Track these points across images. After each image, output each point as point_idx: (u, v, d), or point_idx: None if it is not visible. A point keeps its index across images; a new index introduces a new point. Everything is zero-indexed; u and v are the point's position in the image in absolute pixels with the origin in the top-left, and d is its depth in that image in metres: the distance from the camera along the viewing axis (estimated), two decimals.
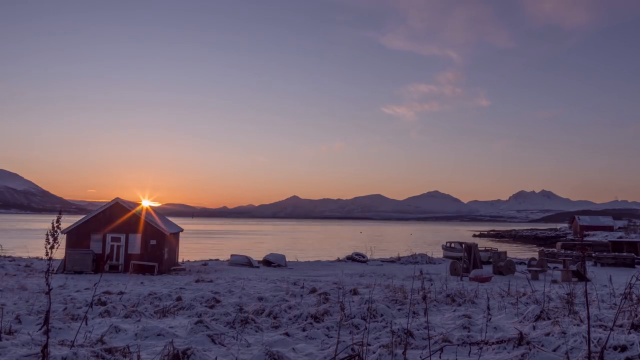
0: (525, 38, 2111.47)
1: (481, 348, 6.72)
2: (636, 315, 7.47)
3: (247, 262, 38.99)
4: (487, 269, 33.15)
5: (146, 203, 36.19)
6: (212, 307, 12.97)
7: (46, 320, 4.83)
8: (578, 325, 7.72)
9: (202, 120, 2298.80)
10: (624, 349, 5.79)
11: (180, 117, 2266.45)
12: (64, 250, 29.71)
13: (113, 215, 31.14)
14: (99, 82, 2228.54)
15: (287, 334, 8.65)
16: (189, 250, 53.46)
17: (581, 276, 29.14)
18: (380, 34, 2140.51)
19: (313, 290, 17.01)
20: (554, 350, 6.25)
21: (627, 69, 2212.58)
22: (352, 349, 6.46)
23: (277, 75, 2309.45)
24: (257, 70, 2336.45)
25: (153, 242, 31.12)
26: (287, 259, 41.17)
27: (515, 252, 68.25)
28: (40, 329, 8.77)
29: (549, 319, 8.67)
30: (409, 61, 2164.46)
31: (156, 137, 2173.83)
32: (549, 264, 39.07)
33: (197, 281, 24.29)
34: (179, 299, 14.57)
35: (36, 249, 44.29)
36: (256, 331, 9.27)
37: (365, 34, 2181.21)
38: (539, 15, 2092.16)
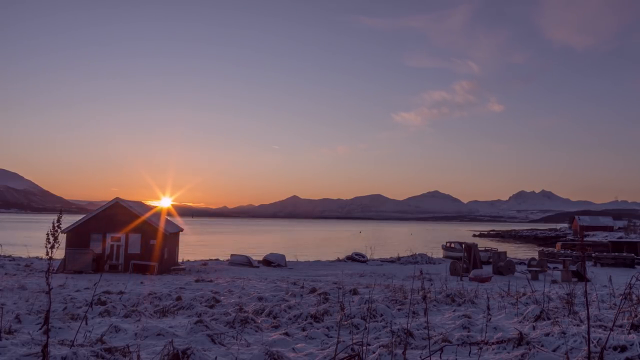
0: (540, 56, 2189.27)
1: (481, 348, 6.72)
2: (636, 316, 7.47)
3: (247, 262, 39.03)
4: (487, 269, 33.17)
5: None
6: (212, 306, 12.97)
7: (46, 320, 4.83)
8: (578, 325, 7.73)
9: (201, 120, 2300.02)
10: (623, 349, 5.79)
11: (180, 117, 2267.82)
12: (64, 250, 29.72)
13: (113, 215, 31.16)
14: (99, 80, 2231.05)
15: (287, 334, 8.65)
16: (188, 250, 53.50)
17: (581, 276, 29.16)
18: (401, 53, 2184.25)
19: (313, 290, 17.01)
20: (554, 351, 6.25)
21: (627, 76, 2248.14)
22: (352, 349, 6.46)
23: (283, 78, 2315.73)
24: (261, 72, 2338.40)
25: (153, 241, 31.13)
26: (287, 259, 41.21)
27: (515, 252, 68.33)
28: (40, 329, 8.78)
29: (548, 319, 8.67)
30: (426, 73, 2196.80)
31: (155, 137, 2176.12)
32: (548, 264, 39.12)
33: (197, 281, 24.31)
34: (178, 298, 14.57)
35: (36, 249, 44.27)
36: (256, 331, 9.27)
37: (386, 51, 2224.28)
38: (556, 39, 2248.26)
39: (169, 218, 39.51)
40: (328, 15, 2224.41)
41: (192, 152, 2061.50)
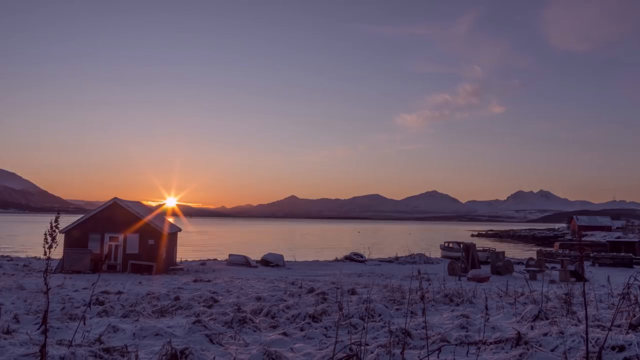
0: (541, 61, 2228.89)
1: (479, 348, 6.72)
2: (634, 316, 7.47)
3: (245, 262, 38.98)
4: (485, 269, 33.17)
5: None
6: (210, 306, 12.97)
7: (44, 320, 4.82)
8: (576, 325, 7.73)
9: (201, 121, 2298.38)
10: (622, 349, 5.79)
11: (178, 116, 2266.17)
12: (62, 250, 29.66)
13: (111, 215, 31.09)
14: (97, 81, 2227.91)
15: (285, 334, 8.65)
16: (187, 250, 53.44)
17: (579, 276, 29.18)
18: (406, 59, 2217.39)
19: (311, 290, 17.01)
20: (552, 350, 6.25)
21: (625, 80, 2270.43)
22: (350, 349, 6.46)
23: (284, 80, 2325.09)
24: (261, 72, 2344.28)
25: (151, 241, 31.08)
26: (285, 259, 41.16)
27: (513, 252, 68.32)
28: (38, 329, 8.76)
29: (547, 319, 8.67)
30: (429, 78, 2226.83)
31: (154, 138, 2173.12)
32: (547, 264, 39.08)
33: (195, 281, 24.30)
34: (177, 298, 14.57)
35: (34, 249, 44.21)
36: (254, 331, 9.27)
37: (391, 57, 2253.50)
38: (556, 45, 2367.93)
39: (166, 218, 39.48)
40: (335, 23, 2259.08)
41: (191, 152, 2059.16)
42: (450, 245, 55.85)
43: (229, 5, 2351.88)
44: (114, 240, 30.84)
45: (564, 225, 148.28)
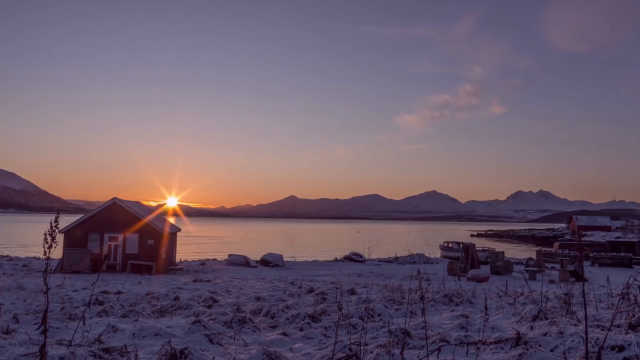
0: (542, 61, 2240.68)
1: (479, 348, 6.72)
2: (634, 316, 7.46)
3: (245, 262, 38.97)
4: (485, 269, 33.16)
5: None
6: (209, 306, 12.96)
7: (44, 320, 4.82)
8: (576, 325, 7.73)
9: (201, 120, 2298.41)
10: (621, 349, 5.79)
11: (178, 117, 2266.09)
12: (62, 250, 29.65)
13: (111, 215, 31.09)
14: (97, 82, 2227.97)
15: (284, 334, 8.64)
16: (186, 250, 53.43)
17: (579, 276, 29.18)
18: (408, 59, 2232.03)
19: (311, 290, 17.00)
20: (552, 350, 6.25)
21: (623, 81, 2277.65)
22: (350, 349, 6.46)
23: (284, 80, 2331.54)
24: (262, 73, 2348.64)
25: (151, 241, 31.07)
26: (284, 259, 41.14)
27: (512, 252, 68.31)
28: (37, 329, 8.75)
29: (546, 319, 8.67)
30: (430, 78, 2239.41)
31: (154, 138, 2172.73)
32: (546, 264, 39.08)
33: (194, 281, 24.30)
34: (176, 298, 14.56)
35: (34, 248, 44.17)
36: (254, 331, 9.26)
37: (393, 58, 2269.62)
38: (556, 46, 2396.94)
39: (167, 218, 39.46)
40: (336, 24, 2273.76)
41: (191, 152, 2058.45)
42: (450, 245, 55.85)
43: (230, 6, 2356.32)
44: (113, 240, 30.83)
45: (564, 225, 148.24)
